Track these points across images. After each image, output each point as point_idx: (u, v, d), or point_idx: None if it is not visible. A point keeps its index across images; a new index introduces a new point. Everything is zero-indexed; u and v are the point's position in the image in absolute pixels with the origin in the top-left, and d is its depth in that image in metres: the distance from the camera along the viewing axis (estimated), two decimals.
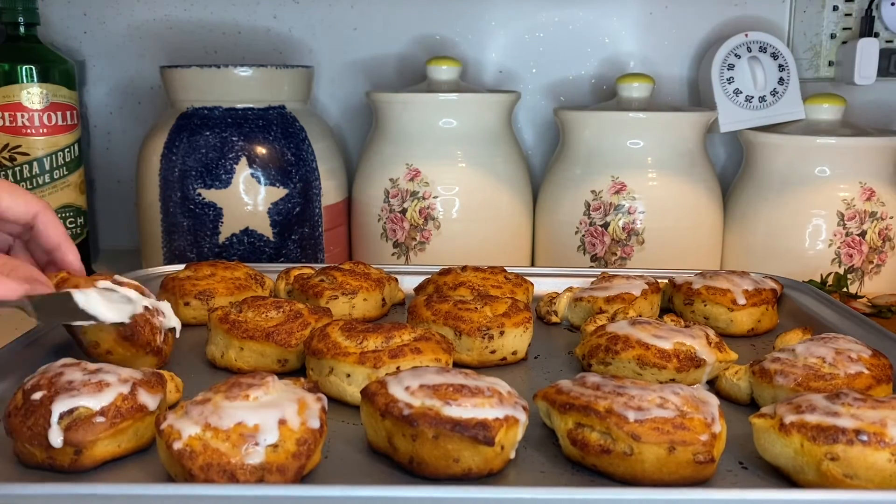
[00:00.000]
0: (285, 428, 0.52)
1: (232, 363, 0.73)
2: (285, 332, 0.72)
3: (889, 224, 1.09)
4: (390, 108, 1.14)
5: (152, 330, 0.71)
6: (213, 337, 0.75)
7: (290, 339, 0.72)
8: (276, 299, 0.77)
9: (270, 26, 1.29)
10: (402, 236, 1.13)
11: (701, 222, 1.13)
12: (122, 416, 0.56)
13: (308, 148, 1.09)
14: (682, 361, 0.68)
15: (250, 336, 0.72)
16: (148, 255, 1.12)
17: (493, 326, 0.74)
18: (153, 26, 1.28)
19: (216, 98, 1.06)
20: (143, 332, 0.69)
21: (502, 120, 1.16)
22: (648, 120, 1.11)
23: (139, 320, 0.69)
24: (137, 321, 0.69)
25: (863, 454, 0.51)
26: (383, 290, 0.89)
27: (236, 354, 0.73)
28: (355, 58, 1.30)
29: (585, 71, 1.30)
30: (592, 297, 0.85)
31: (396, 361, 0.65)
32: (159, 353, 0.72)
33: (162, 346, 0.72)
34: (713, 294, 0.84)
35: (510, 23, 1.29)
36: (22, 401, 0.57)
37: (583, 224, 1.12)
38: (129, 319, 0.67)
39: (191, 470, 0.50)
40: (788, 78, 1.17)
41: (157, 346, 0.71)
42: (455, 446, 0.53)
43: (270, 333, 0.72)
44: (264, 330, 0.72)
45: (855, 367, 0.64)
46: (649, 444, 0.53)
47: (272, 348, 0.72)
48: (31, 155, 1.06)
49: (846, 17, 1.21)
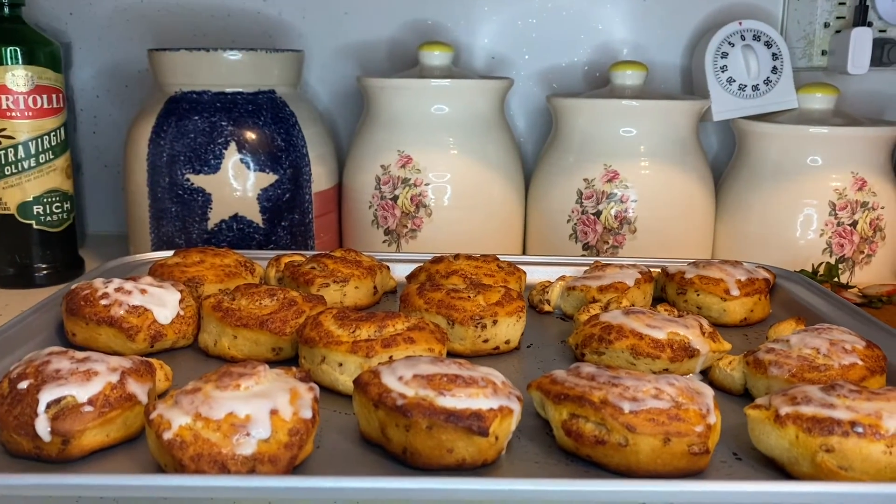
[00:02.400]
0: (277, 418, 0.52)
1: (225, 351, 0.72)
2: (280, 321, 0.71)
3: (880, 214, 1.09)
4: (382, 94, 1.12)
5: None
6: (206, 325, 0.74)
7: (284, 327, 0.71)
8: (270, 287, 0.76)
9: (260, 9, 1.27)
10: (394, 223, 1.12)
11: (693, 211, 1.13)
12: (111, 405, 0.55)
13: (298, 133, 1.08)
14: (675, 351, 0.68)
15: (244, 324, 0.71)
16: (136, 241, 1.10)
17: (486, 315, 0.74)
18: (141, 8, 1.26)
19: (205, 82, 1.05)
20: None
21: (495, 107, 1.15)
22: (641, 108, 1.10)
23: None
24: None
25: (858, 446, 0.51)
26: (375, 277, 0.88)
27: (230, 342, 0.72)
28: (346, 42, 1.29)
29: (578, 58, 1.29)
30: (585, 286, 0.85)
31: (389, 351, 0.64)
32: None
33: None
34: (706, 283, 0.84)
35: (503, 8, 1.28)
36: (8, 389, 0.56)
37: (575, 212, 1.11)
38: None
39: (181, 460, 0.49)
40: (782, 67, 1.16)
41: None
42: (449, 437, 0.52)
43: (265, 321, 0.71)
44: (258, 318, 0.71)
45: (849, 358, 0.64)
46: (644, 435, 0.52)
47: (266, 336, 0.71)
48: (17, 139, 1.04)
49: (840, 6, 1.21)
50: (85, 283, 0.76)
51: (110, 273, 0.91)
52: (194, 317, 0.76)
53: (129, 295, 0.73)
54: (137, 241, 1.10)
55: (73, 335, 0.74)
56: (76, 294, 0.74)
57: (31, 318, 0.76)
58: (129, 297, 0.73)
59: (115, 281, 0.75)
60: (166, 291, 0.75)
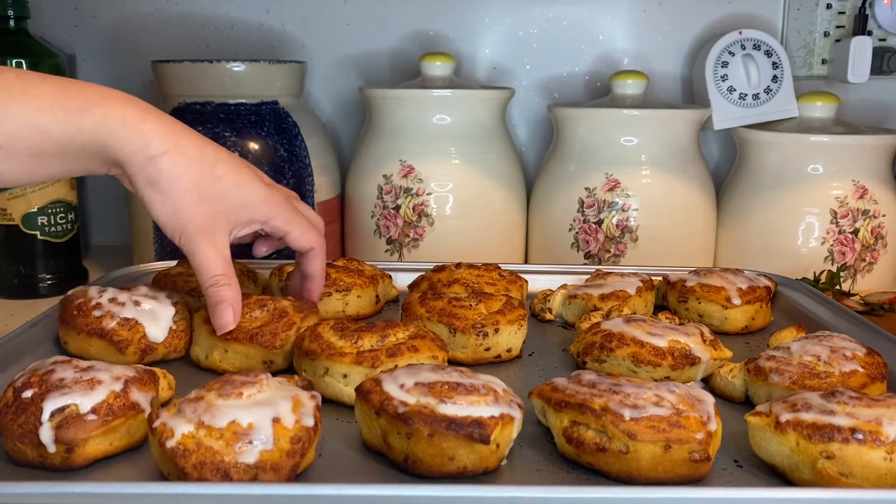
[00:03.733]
0: (279, 426, 0.52)
1: (217, 364, 0.72)
2: (269, 334, 0.71)
3: (882, 222, 1.09)
4: (384, 104, 1.13)
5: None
6: (197, 338, 0.73)
7: (274, 340, 0.71)
8: (260, 297, 0.75)
9: (263, 21, 1.28)
10: (396, 233, 1.12)
11: (694, 220, 1.13)
12: (115, 413, 0.56)
13: (301, 144, 1.08)
14: (676, 359, 0.68)
15: (234, 338, 0.70)
16: (139, 251, 1.11)
17: (487, 324, 0.74)
18: (144, 20, 1.27)
19: (208, 93, 1.05)
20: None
21: (496, 116, 1.15)
22: (642, 117, 1.10)
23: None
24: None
25: (858, 453, 0.51)
26: (377, 286, 0.88)
27: (220, 356, 0.72)
28: (348, 53, 1.29)
29: (579, 68, 1.29)
30: (587, 294, 0.85)
31: (394, 360, 0.64)
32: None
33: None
34: (707, 292, 0.84)
35: (504, 19, 1.28)
36: (12, 398, 0.56)
37: (576, 221, 1.12)
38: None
39: (184, 468, 0.50)
40: (782, 76, 1.17)
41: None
42: (450, 444, 0.53)
43: (254, 335, 0.70)
44: (248, 331, 0.71)
45: (850, 366, 0.64)
46: (645, 443, 0.52)
47: (256, 350, 0.70)
48: None
49: (840, 15, 1.21)
50: (80, 291, 0.76)
51: (114, 283, 0.91)
52: (186, 330, 0.75)
53: (122, 307, 0.73)
54: (141, 251, 1.10)
55: (66, 344, 0.74)
56: (70, 303, 0.74)
57: (35, 328, 0.77)
58: (122, 310, 0.73)
59: (110, 290, 0.75)
60: (160, 305, 0.74)
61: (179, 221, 0.65)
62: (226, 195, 0.67)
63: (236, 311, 0.69)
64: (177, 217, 0.65)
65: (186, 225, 0.66)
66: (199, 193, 0.66)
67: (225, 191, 0.67)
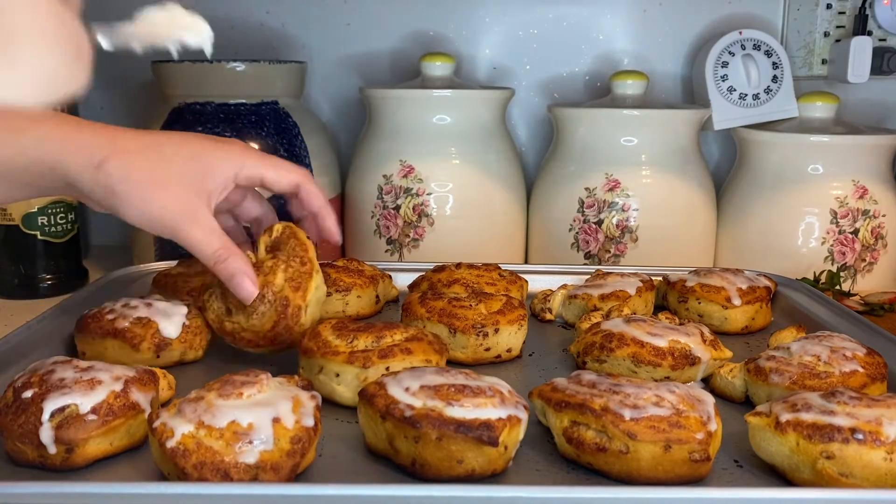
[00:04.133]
0: (279, 426, 0.52)
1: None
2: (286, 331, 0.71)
3: (882, 222, 1.09)
4: (384, 105, 1.13)
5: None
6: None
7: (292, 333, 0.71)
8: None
9: (263, 21, 1.28)
10: (396, 233, 1.12)
11: (694, 220, 1.13)
12: (115, 413, 0.56)
13: (301, 144, 1.08)
14: (676, 359, 0.68)
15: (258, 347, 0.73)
16: (139, 251, 1.11)
17: (487, 324, 0.74)
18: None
19: (208, 93, 1.05)
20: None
21: (496, 116, 1.15)
22: (642, 117, 1.10)
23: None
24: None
25: (858, 453, 0.51)
26: (377, 287, 0.88)
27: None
28: (348, 53, 1.29)
29: (579, 68, 1.29)
30: (587, 294, 0.85)
31: (386, 362, 0.64)
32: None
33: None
34: (707, 292, 0.84)
35: (504, 19, 1.28)
36: (12, 398, 0.57)
37: (577, 221, 1.12)
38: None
39: (184, 468, 0.50)
40: (782, 76, 1.17)
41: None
42: (459, 447, 0.52)
43: (273, 338, 0.71)
44: (267, 336, 0.71)
45: (850, 366, 0.64)
46: (645, 443, 0.52)
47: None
48: None
49: (840, 15, 1.21)
50: (95, 308, 0.76)
51: (114, 283, 0.92)
52: (202, 328, 0.75)
53: (135, 309, 0.74)
54: (141, 251, 1.10)
55: (83, 354, 0.74)
56: (84, 315, 0.75)
57: (35, 328, 0.77)
58: (135, 311, 0.74)
59: (122, 299, 0.76)
60: (172, 305, 0.75)
61: (153, 217, 0.64)
62: (184, 173, 0.66)
63: (251, 276, 0.68)
64: (148, 214, 0.64)
65: (162, 218, 0.64)
66: (157, 182, 0.64)
67: (181, 169, 0.65)
